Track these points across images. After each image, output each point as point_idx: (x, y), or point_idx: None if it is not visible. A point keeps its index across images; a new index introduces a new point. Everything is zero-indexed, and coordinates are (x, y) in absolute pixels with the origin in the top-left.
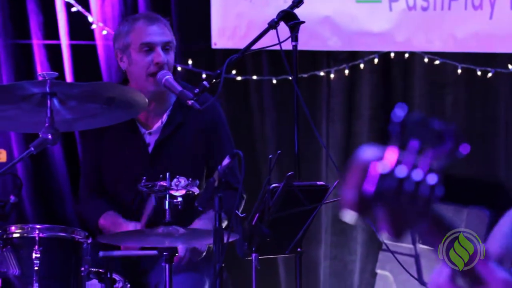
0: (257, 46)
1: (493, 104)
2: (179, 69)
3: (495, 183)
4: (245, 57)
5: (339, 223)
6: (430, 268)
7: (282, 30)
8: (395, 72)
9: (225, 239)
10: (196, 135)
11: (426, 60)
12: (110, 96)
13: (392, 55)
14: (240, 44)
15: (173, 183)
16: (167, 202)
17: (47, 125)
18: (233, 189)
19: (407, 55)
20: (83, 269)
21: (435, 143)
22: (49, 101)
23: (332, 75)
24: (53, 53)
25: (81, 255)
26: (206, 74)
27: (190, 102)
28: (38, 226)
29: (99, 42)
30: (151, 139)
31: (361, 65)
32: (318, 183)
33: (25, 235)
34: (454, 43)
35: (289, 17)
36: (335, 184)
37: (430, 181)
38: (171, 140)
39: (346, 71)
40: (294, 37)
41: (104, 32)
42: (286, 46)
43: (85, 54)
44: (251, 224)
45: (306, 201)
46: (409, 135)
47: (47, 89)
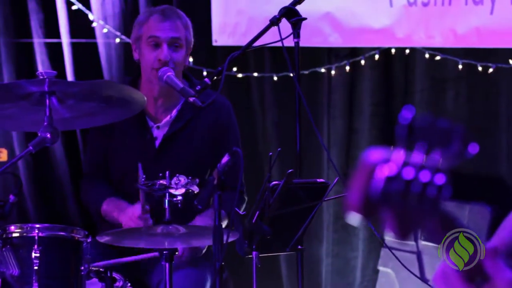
0: (258, 43)
1: (494, 99)
2: None
3: (496, 179)
4: (246, 54)
5: (340, 220)
6: (432, 265)
7: (282, 27)
8: (396, 68)
9: (225, 239)
10: (203, 133)
11: (427, 55)
12: (108, 95)
13: (393, 51)
14: (240, 41)
15: (172, 181)
16: (166, 200)
17: (45, 124)
18: (234, 190)
19: (408, 51)
20: (83, 268)
21: (443, 144)
22: (47, 100)
23: (333, 72)
24: (54, 52)
25: (81, 254)
26: (207, 71)
27: (191, 99)
28: (37, 226)
29: (99, 40)
30: (159, 133)
31: (362, 61)
32: (318, 180)
33: (24, 234)
34: (454, 39)
35: (291, 13)
36: (335, 181)
37: (438, 182)
38: (178, 136)
39: (347, 68)
40: (296, 33)
41: (105, 30)
42: (287, 42)
43: (86, 52)
44: (251, 222)
45: (306, 198)
46: (416, 137)
47: (46, 88)
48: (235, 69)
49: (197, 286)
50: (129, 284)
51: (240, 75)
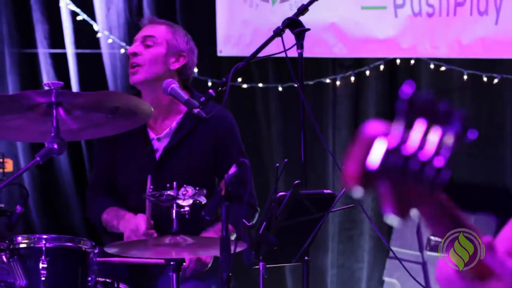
0: (262, 54)
1: (500, 110)
2: None
3: (502, 189)
4: (250, 64)
5: (346, 231)
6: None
7: (287, 37)
8: (401, 79)
9: (232, 249)
10: (204, 144)
11: (432, 66)
12: (115, 105)
13: (398, 61)
14: (245, 52)
15: (180, 192)
16: (174, 211)
17: (52, 134)
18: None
19: (412, 61)
20: (90, 279)
21: (442, 123)
22: (54, 111)
23: (338, 82)
24: (59, 62)
25: (88, 265)
26: (212, 82)
27: (196, 111)
28: (44, 236)
29: (104, 51)
30: (160, 145)
31: (367, 72)
32: (325, 191)
33: (32, 245)
34: (459, 49)
35: (294, 24)
36: (342, 192)
37: (437, 164)
38: (179, 148)
39: (352, 78)
40: (300, 44)
41: (110, 41)
42: (291, 53)
43: (90, 62)
44: (258, 232)
45: (313, 209)
46: (416, 113)
47: (53, 99)
48: (240, 79)
49: None
50: None
51: (245, 85)
